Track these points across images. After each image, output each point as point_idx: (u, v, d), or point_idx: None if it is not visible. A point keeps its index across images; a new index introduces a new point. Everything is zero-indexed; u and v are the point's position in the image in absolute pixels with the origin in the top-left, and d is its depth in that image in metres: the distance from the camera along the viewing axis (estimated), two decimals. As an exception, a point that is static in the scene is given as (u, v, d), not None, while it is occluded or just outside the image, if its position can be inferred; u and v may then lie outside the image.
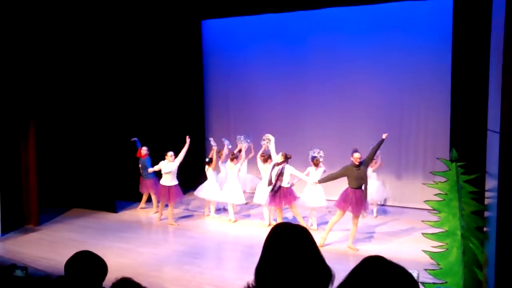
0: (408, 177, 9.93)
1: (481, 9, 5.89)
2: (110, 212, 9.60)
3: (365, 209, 7.34)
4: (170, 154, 8.73)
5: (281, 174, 7.96)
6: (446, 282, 4.97)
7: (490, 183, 4.51)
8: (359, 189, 7.20)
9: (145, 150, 9.61)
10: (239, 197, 8.85)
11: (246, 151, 9.29)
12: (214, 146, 9.31)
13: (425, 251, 5.21)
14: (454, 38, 7.10)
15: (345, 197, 7.23)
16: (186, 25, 11.13)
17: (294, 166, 8.30)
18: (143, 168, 9.52)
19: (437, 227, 5.12)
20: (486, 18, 5.00)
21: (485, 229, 4.80)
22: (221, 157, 9.29)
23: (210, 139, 9.61)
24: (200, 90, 11.70)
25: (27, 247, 7.52)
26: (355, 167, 7.19)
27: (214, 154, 9.19)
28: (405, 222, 8.66)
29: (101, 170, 9.64)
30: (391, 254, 1.64)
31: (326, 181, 7.58)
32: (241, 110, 11.50)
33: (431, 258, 5.14)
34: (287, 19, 10.68)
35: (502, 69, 3.85)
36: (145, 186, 9.66)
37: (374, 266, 1.54)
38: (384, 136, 7.47)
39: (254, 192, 9.32)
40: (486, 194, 4.78)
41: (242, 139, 9.36)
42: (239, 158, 8.99)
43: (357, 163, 7.18)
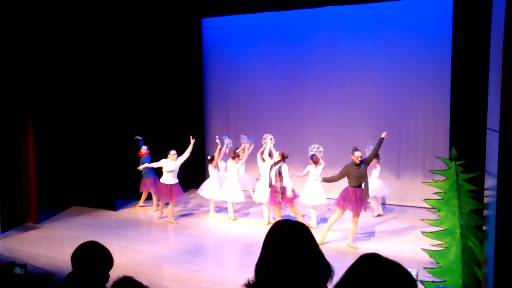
0: (407, 175, 9.93)
1: (481, 7, 5.89)
2: (110, 210, 9.60)
3: (365, 208, 7.35)
4: (172, 152, 8.73)
5: (279, 173, 7.96)
6: (445, 280, 4.98)
7: (490, 182, 4.51)
8: (359, 187, 7.21)
9: (145, 149, 9.61)
10: (239, 195, 8.85)
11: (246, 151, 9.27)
12: (219, 144, 9.29)
13: (424, 250, 5.22)
14: (454, 37, 7.11)
15: (345, 195, 7.23)
16: (186, 23, 11.12)
17: (294, 164, 8.33)
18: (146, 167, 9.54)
19: (436, 226, 5.12)
20: (486, 16, 5.00)
21: (484, 227, 4.81)
22: (220, 155, 9.28)
23: (216, 137, 9.54)
24: (200, 88, 11.69)
25: (27, 245, 7.53)
26: (356, 166, 7.19)
27: (216, 152, 9.19)
28: (404, 221, 8.67)
29: (100, 168, 9.64)
30: (391, 253, 1.64)
31: (328, 181, 7.57)
32: (241, 108, 11.49)
33: (430, 257, 5.15)
34: (287, 17, 10.67)
35: (502, 67, 3.85)
36: (144, 185, 9.66)
37: (370, 264, 1.55)
38: (383, 135, 7.47)
39: (253, 190, 9.33)
40: (485, 193, 4.78)
41: (246, 139, 9.29)
42: (241, 157, 8.99)
43: (357, 162, 7.18)
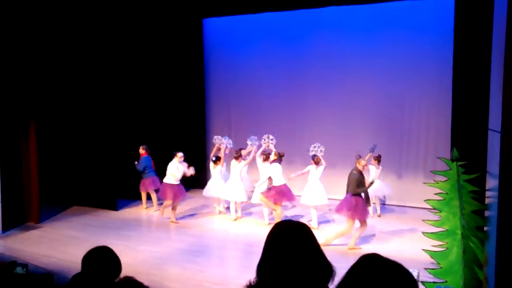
0: (409, 176, 9.93)
1: (483, 7, 5.88)
2: (111, 210, 9.60)
3: (367, 214, 7.36)
4: (180, 155, 8.69)
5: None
6: (446, 281, 4.97)
7: (491, 183, 4.51)
8: (359, 195, 7.20)
9: (144, 149, 9.62)
10: (241, 195, 8.82)
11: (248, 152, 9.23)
12: (220, 144, 9.26)
13: (425, 250, 5.21)
14: (455, 37, 7.09)
15: (355, 205, 7.17)
16: (187, 23, 11.13)
17: (295, 164, 8.35)
18: (147, 166, 9.56)
19: (437, 226, 5.11)
20: (488, 16, 4.99)
21: (485, 228, 4.80)
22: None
23: (214, 138, 9.49)
24: (201, 88, 11.70)
25: (28, 245, 7.53)
26: (359, 173, 7.19)
27: (221, 152, 9.16)
28: (405, 221, 8.66)
29: (102, 168, 9.64)
30: (392, 253, 1.64)
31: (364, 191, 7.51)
32: (242, 108, 11.49)
33: (432, 257, 5.15)
34: (288, 18, 10.68)
35: (504, 68, 3.85)
36: (143, 185, 9.67)
37: (371, 264, 1.55)
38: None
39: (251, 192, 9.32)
40: (487, 194, 4.77)
41: (253, 140, 9.13)
42: (244, 157, 8.95)
43: (362, 170, 7.18)
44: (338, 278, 1.76)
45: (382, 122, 9.98)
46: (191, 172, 8.77)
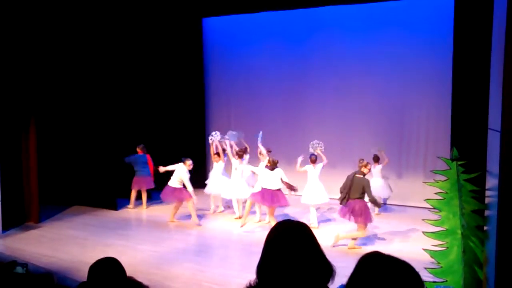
0: (408, 175, 9.93)
1: (482, 7, 5.87)
2: (111, 209, 9.60)
3: (371, 219, 7.33)
4: (189, 163, 8.62)
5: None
6: (446, 280, 4.98)
7: (491, 182, 4.51)
8: (361, 199, 7.18)
9: (141, 148, 9.67)
10: (244, 192, 8.78)
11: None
12: (215, 141, 9.24)
13: (425, 250, 5.21)
14: (455, 37, 7.09)
15: (366, 210, 7.16)
16: (187, 23, 11.13)
17: (295, 164, 8.34)
18: (140, 164, 9.62)
19: (437, 226, 5.12)
20: (488, 16, 4.99)
21: (485, 228, 4.80)
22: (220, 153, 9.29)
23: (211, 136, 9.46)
24: (201, 88, 11.70)
25: (28, 244, 7.53)
26: (364, 176, 7.19)
27: (223, 150, 9.17)
28: (405, 221, 8.66)
29: (102, 167, 9.63)
30: (392, 253, 1.64)
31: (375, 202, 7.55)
32: (242, 108, 11.49)
33: (432, 257, 5.15)
34: (288, 17, 10.68)
35: (504, 67, 3.85)
36: (137, 182, 9.70)
37: (374, 263, 1.56)
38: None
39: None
40: (487, 193, 4.77)
41: (260, 138, 8.89)
42: (243, 154, 8.93)
43: (366, 173, 7.18)
44: (338, 278, 1.76)
45: (382, 122, 9.98)
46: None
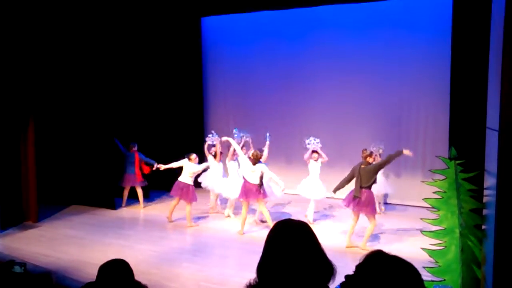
0: (407, 174, 9.93)
1: (480, 6, 5.89)
2: (109, 209, 9.60)
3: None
4: (193, 156, 8.58)
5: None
6: (445, 279, 4.98)
7: (489, 181, 4.52)
8: (370, 189, 7.18)
9: (133, 146, 9.70)
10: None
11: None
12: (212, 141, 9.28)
13: (423, 249, 5.22)
14: (453, 36, 7.11)
15: (367, 200, 7.14)
16: (185, 22, 11.11)
17: (293, 163, 8.37)
18: (129, 163, 9.63)
19: (435, 225, 5.12)
20: (486, 15, 5.00)
21: (483, 227, 4.81)
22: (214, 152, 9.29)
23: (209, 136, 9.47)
24: (199, 87, 11.68)
25: (26, 244, 7.52)
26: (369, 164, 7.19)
27: (218, 147, 9.17)
28: (404, 220, 8.67)
29: (100, 167, 9.63)
30: (390, 252, 1.66)
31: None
32: (240, 107, 11.49)
33: (430, 256, 5.15)
34: (286, 16, 10.68)
35: (502, 67, 3.85)
36: (128, 180, 9.71)
37: (377, 261, 1.58)
38: (405, 152, 7.27)
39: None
40: (485, 192, 4.78)
41: (268, 137, 8.81)
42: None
43: (372, 162, 7.20)
44: (338, 277, 1.77)
45: (381, 121, 9.98)
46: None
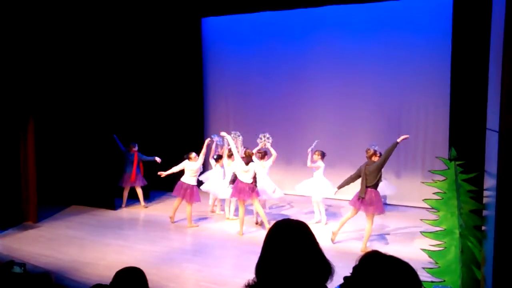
0: (407, 175, 9.93)
1: (481, 7, 5.89)
2: (109, 209, 9.59)
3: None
4: (193, 155, 8.56)
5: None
6: (444, 280, 4.98)
7: (489, 182, 4.51)
8: (375, 188, 7.14)
9: (133, 146, 9.70)
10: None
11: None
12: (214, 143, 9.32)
13: (423, 250, 5.22)
14: (454, 37, 7.10)
15: (373, 199, 7.08)
16: (186, 22, 11.12)
17: (293, 164, 8.37)
18: (129, 163, 9.64)
19: (435, 226, 5.12)
20: (486, 16, 5.00)
21: (483, 227, 4.80)
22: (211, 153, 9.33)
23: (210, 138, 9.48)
24: (199, 88, 11.69)
25: (26, 244, 7.52)
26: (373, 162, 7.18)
27: (225, 150, 9.18)
28: (403, 221, 8.67)
29: (100, 167, 9.63)
30: (390, 253, 1.65)
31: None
32: (240, 107, 11.50)
33: (430, 257, 5.15)
34: (287, 17, 10.69)
35: (502, 68, 3.85)
36: (127, 180, 9.71)
37: (374, 262, 1.57)
38: (400, 140, 7.16)
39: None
40: (485, 193, 4.78)
41: (267, 137, 8.78)
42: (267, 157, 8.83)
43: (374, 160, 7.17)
44: (338, 278, 1.76)
45: (381, 122, 9.98)
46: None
